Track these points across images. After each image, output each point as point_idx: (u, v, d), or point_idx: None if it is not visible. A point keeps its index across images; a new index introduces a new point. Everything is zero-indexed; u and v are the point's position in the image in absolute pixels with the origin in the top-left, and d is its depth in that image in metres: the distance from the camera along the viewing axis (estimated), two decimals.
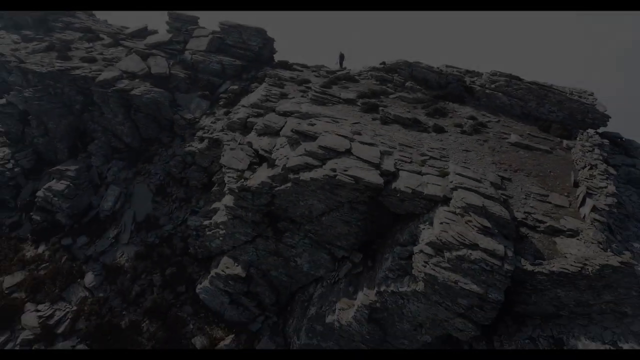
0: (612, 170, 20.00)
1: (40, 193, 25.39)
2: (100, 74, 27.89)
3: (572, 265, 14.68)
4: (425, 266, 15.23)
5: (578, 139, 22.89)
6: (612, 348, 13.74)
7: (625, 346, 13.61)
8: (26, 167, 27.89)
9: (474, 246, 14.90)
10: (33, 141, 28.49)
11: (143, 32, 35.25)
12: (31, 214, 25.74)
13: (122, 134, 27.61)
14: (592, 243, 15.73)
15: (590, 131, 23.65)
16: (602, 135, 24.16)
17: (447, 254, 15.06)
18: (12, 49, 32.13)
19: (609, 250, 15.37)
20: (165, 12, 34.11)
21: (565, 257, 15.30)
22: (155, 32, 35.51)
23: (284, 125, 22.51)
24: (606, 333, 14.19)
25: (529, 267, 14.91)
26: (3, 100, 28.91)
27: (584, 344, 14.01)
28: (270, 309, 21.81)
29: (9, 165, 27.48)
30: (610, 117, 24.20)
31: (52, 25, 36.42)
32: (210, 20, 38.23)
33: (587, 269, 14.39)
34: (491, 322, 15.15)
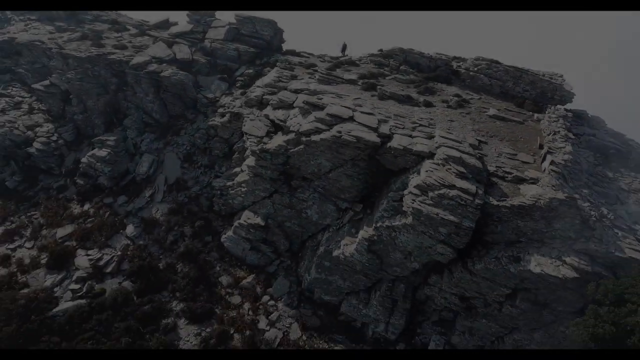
0: (570, 135, 23.83)
1: (84, 160, 29.10)
2: (132, 59, 31.58)
3: (528, 199, 18.49)
4: (413, 202, 19.02)
5: (547, 112, 26.70)
6: (557, 262, 17.55)
7: (568, 260, 17.41)
8: (68, 139, 31.58)
9: (451, 186, 18.70)
10: (73, 117, 32.17)
11: (165, 24, 38.91)
12: (75, 178, 29.46)
13: (152, 110, 31.32)
14: (548, 186, 19.51)
15: (559, 107, 27.57)
16: (569, 110, 28.03)
17: (430, 193, 18.86)
18: (50, 38, 35.82)
19: (560, 191, 19.18)
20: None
21: (524, 195, 19.11)
22: (175, 23, 39.16)
23: (295, 100, 26.28)
24: (554, 251, 17.99)
25: (495, 202, 18.71)
26: (46, 82, 32.59)
27: (536, 258, 17.80)
28: (285, 254, 25.61)
29: (54, 138, 31.18)
30: (575, 95, 28.01)
31: (82, 18, 40.05)
32: (220, 14, 41.85)
33: (540, 202, 18.20)
34: (465, 247, 18.97)
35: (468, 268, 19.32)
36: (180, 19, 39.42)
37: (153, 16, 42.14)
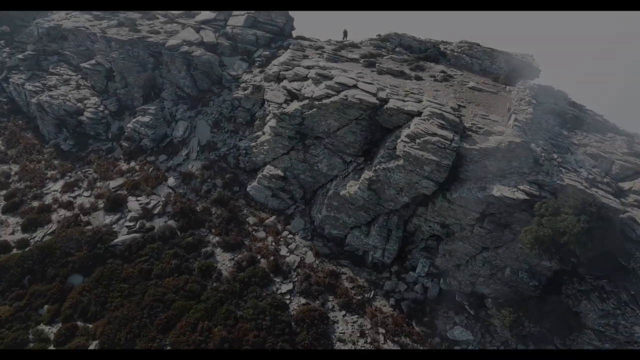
0: (533, 101, 29.01)
1: (130, 125, 34.25)
2: (167, 41, 36.62)
3: (493, 143, 23.71)
4: (404, 147, 24.24)
5: (517, 85, 31.86)
6: (514, 189, 22.75)
7: (521, 187, 22.60)
8: (112, 110, 36.66)
9: (434, 134, 23.92)
10: (116, 92, 37.25)
11: (190, 13, 43.94)
12: (121, 142, 34.58)
13: (184, 85, 36.40)
14: (510, 135, 24.72)
15: (527, 80, 32.73)
16: (536, 84, 33.21)
17: (417, 140, 24.06)
18: (91, 25, 40.82)
19: (517, 137, 24.37)
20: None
21: (490, 141, 24.32)
22: (198, 13, 44.19)
23: (308, 73, 31.40)
24: (512, 182, 23.17)
25: (467, 146, 23.93)
26: (93, 61, 37.60)
27: (498, 187, 22.93)
28: (300, 201, 30.81)
29: (100, 109, 36.26)
30: (541, 71, 33.20)
31: None
32: None
33: (502, 145, 23.43)
34: (445, 182, 24.19)
35: (447, 198, 24.53)
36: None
37: None
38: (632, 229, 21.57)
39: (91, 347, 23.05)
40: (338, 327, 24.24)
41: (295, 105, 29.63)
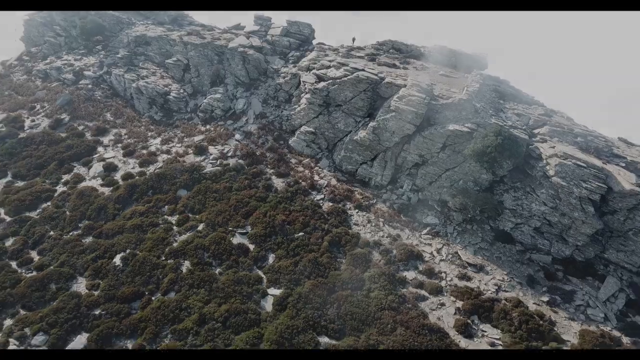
0: (481, 81, 43.18)
1: (205, 101, 48.12)
2: (228, 44, 50.88)
3: (450, 100, 37.78)
4: (395, 104, 38.26)
5: (472, 73, 46.09)
6: (461, 126, 36.67)
7: (467, 124, 36.57)
8: (188, 92, 50.69)
9: (414, 95, 38.00)
10: (190, 80, 51.28)
11: (239, 27, 58.35)
12: (198, 113, 48.49)
13: (240, 75, 50.44)
14: (461, 97, 38.72)
15: (480, 71, 47.01)
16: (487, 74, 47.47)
17: (403, 100, 38.08)
18: (168, 34, 55.09)
19: (473, 102, 38.35)
20: (242, 12, 57.03)
21: (448, 98, 38.38)
22: (244, 27, 58.60)
23: (330, 64, 45.58)
24: (460, 123, 37.08)
25: (434, 102, 37.94)
26: (174, 58, 51.67)
27: (453, 126, 36.85)
28: (325, 150, 44.46)
29: (181, 92, 50.24)
30: (488, 64, 47.54)
31: (180, 22, 59.51)
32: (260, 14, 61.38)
33: (455, 101, 37.49)
34: (420, 125, 38.10)
35: (422, 135, 38.34)
36: (246, 21, 58.93)
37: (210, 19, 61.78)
38: (535, 152, 35.49)
39: (199, 228, 36.22)
40: (353, 218, 37.70)
41: (322, 84, 43.65)
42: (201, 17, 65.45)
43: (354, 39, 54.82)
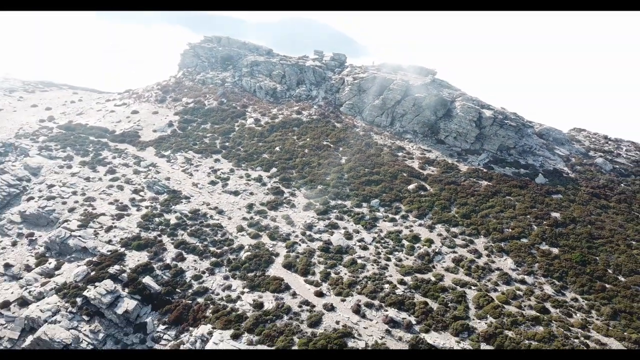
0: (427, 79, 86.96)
1: (297, 91, 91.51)
2: (305, 64, 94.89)
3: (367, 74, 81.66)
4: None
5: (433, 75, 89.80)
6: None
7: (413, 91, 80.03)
8: (284, 89, 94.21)
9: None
10: (286, 82, 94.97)
11: (304, 57, 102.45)
12: (292, 98, 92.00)
13: (312, 80, 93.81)
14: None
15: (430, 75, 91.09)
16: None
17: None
18: (268, 59, 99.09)
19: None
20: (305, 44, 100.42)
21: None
22: (308, 57, 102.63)
23: (359, 72, 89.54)
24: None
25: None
26: (275, 72, 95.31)
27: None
28: (358, 113, 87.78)
29: (281, 88, 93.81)
30: (437, 72, 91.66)
31: (272, 54, 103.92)
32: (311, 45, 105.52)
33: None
34: (404, 94, 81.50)
35: (405, 100, 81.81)
36: (307, 52, 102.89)
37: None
38: (453, 104, 79.43)
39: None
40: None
41: (356, 80, 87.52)
42: (280, 50, 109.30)
43: (373, 62, 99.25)
